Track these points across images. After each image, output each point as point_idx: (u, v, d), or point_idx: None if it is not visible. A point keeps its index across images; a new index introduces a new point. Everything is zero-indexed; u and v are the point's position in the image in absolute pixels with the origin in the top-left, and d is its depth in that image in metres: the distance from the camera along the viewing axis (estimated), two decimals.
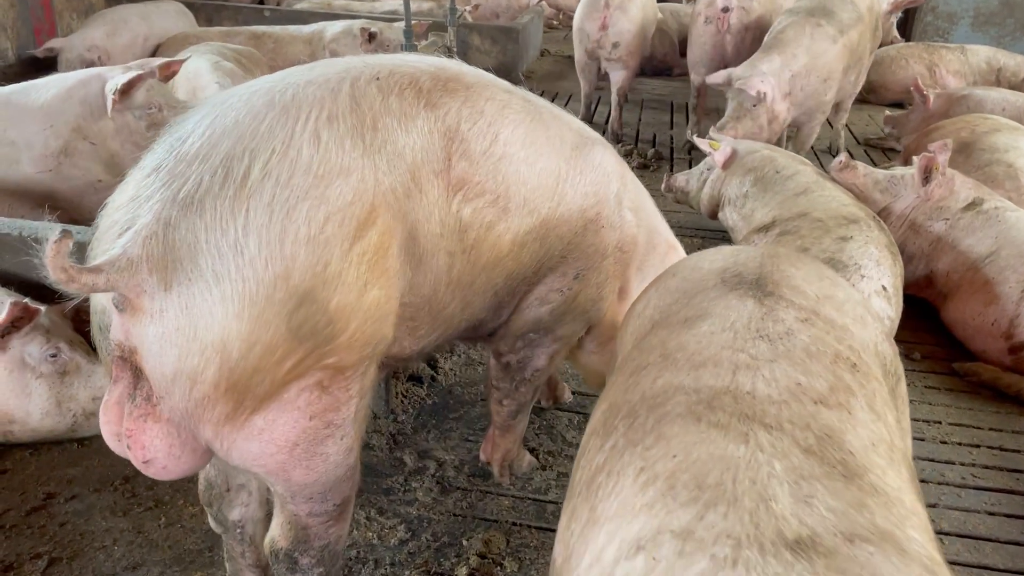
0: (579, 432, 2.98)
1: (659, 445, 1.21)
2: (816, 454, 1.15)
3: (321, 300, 1.54)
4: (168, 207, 1.47)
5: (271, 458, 1.65)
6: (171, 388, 1.50)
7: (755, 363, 1.34)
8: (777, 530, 1.01)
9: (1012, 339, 3.38)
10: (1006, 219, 3.61)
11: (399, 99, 1.76)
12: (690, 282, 1.73)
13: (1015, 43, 8.33)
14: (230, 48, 5.70)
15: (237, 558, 2.15)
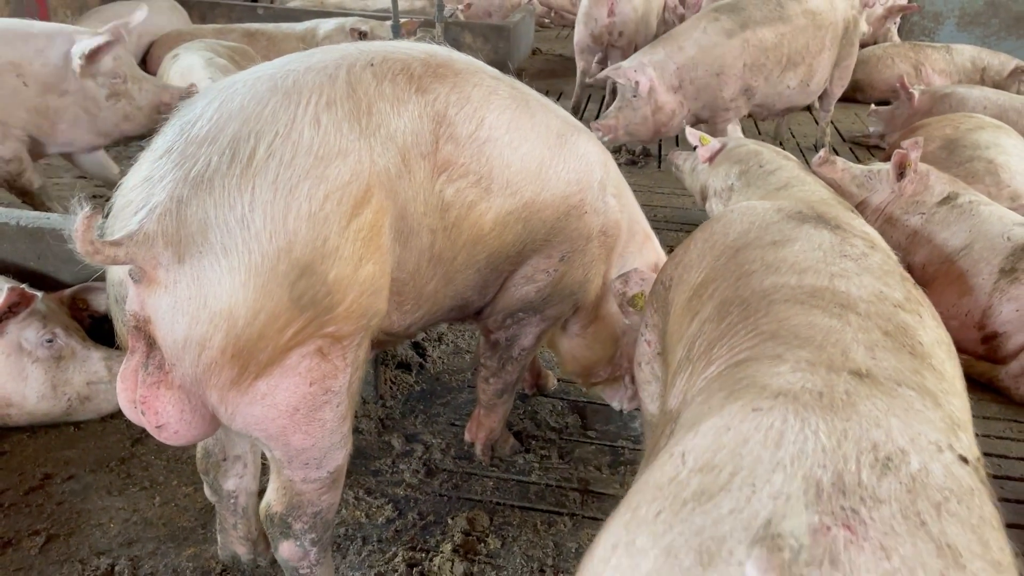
0: (562, 418, 3.07)
1: (769, 317, 1.52)
2: (893, 336, 1.44)
3: (320, 272, 1.64)
4: (180, 186, 1.57)
5: (272, 422, 1.74)
6: (181, 354, 1.60)
7: (846, 273, 1.63)
8: (844, 364, 1.31)
9: (985, 329, 3.48)
10: (980, 213, 3.71)
11: (392, 84, 1.86)
12: (756, 218, 1.97)
13: (1000, 43, 8.45)
14: (224, 45, 5.76)
15: (229, 530, 2.24)
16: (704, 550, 1.00)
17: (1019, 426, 3.19)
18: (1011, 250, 3.51)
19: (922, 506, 1.03)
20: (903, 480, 1.05)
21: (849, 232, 1.84)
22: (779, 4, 5.22)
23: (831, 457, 1.07)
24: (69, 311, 2.95)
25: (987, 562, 1.00)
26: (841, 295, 1.55)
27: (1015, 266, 3.46)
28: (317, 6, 8.15)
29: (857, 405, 1.18)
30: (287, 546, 1.97)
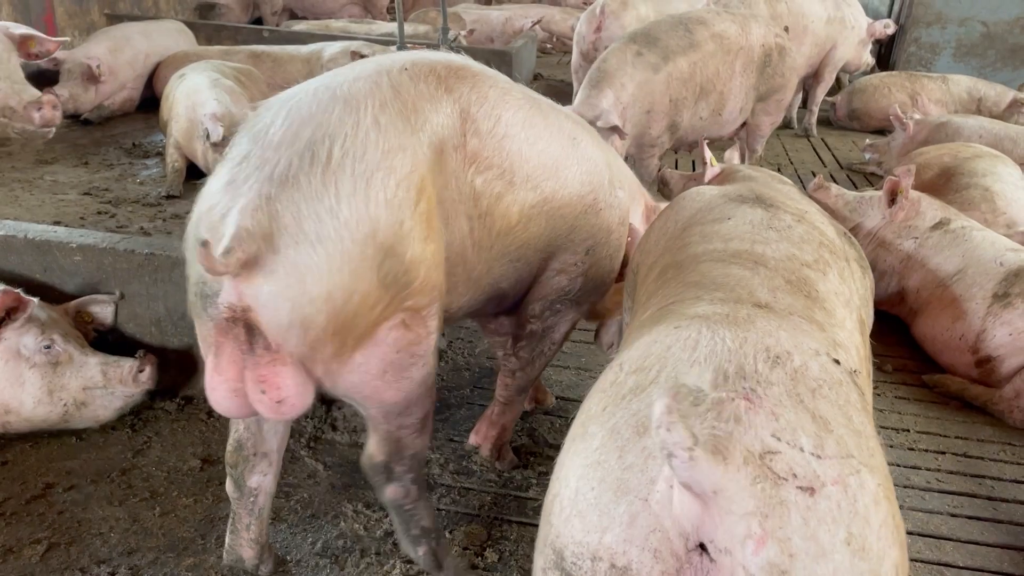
0: (560, 435, 3.09)
1: (695, 272, 1.85)
2: (794, 284, 1.77)
3: (399, 253, 1.84)
4: (266, 185, 1.73)
5: (367, 385, 1.96)
6: (287, 335, 1.74)
7: (766, 240, 1.95)
8: (748, 299, 1.65)
9: (978, 353, 3.52)
10: (972, 238, 3.76)
11: (426, 84, 2.08)
12: (703, 202, 2.27)
13: (995, 74, 8.56)
14: (229, 66, 5.85)
15: (241, 531, 2.31)
16: (638, 425, 1.31)
17: (1013, 449, 3.21)
18: (1004, 275, 3.56)
19: (801, 389, 1.33)
20: (788, 372, 1.36)
21: (781, 210, 2.12)
22: (687, 30, 5.00)
23: (735, 355, 1.37)
24: (73, 323, 2.99)
25: (849, 430, 1.30)
26: (757, 255, 1.87)
27: (1008, 291, 3.51)
28: (322, 29, 8.26)
29: (755, 322, 1.49)
30: (391, 488, 2.19)
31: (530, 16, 10.11)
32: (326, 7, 9.96)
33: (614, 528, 1.24)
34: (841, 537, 1.17)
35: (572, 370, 3.58)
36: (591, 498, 1.28)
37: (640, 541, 1.22)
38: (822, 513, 1.17)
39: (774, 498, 1.16)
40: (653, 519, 1.21)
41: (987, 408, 3.43)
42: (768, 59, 5.23)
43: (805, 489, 1.18)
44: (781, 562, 1.14)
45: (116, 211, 4.63)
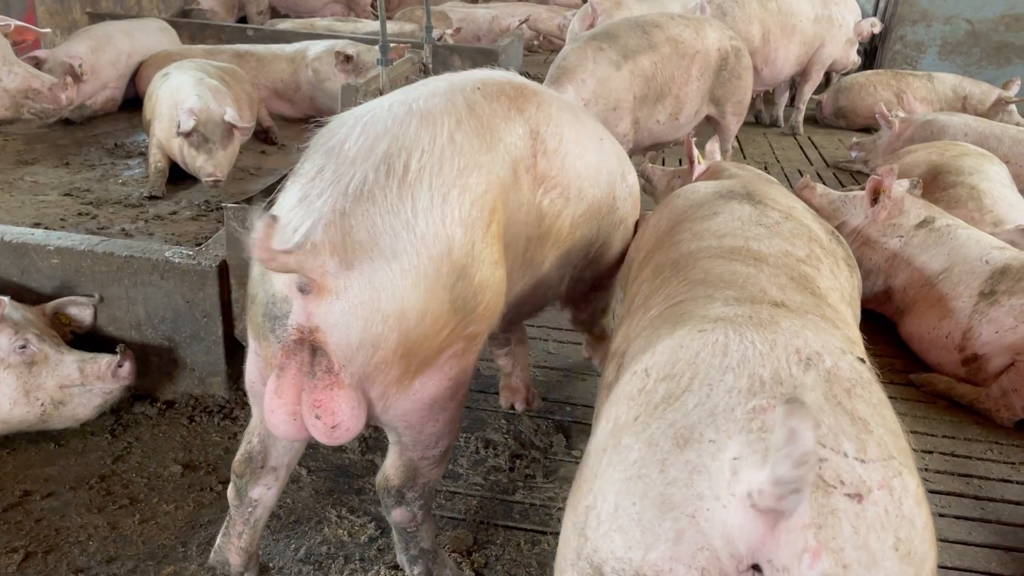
0: (547, 437, 3.06)
1: (697, 269, 1.86)
2: (797, 281, 1.79)
3: (470, 275, 1.81)
4: (340, 200, 1.70)
5: (416, 414, 1.93)
6: (354, 356, 1.71)
7: (758, 237, 1.98)
8: (763, 298, 1.66)
9: (965, 351, 3.51)
10: (958, 236, 3.75)
11: (498, 103, 2.07)
12: (695, 198, 2.32)
13: (980, 72, 8.58)
14: (213, 65, 5.78)
15: (233, 536, 2.27)
16: (679, 436, 1.27)
17: (1000, 447, 3.21)
18: (990, 273, 3.55)
19: (837, 391, 1.33)
20: (821, 373, 1.36)
21: (768, 206, 2.17)
22: (644, 32, 4.92)
23: (767, 359, 1.37)
24: (50, 325, 2.94)
25: (886, 429, 1.31)
26: (754, 252, 1.90)
27: (994, 288, 3.50)
28: (307, 28, 8.19)
29: (780, 323, 1.49)
30: (400, 512, 2.17)
31: (517, 15, 10.07)
32: (309, 5, 9.90)
33: (659, 545, 1.20)
34: (890, 543, 1.17)
35: (559, 371, 3.55)
36: (633, 513, 1.25)
37: (687, 559, 1.18)
38: (871, 520, 1.17)
39: (826, 507, 1.15)
40: (701, 537, 1.18)
41: (974, 407, 3.42)
42: (724, 63, 5.23)
43: (853, 496, 1.17)
44: (834, 573, 1.13)
45: (97, 212, 4.57)
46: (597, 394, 2.01)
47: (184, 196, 4.97)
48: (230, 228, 2.90)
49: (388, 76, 2.83)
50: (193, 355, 3.07)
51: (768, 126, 7.92)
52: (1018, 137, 5.84)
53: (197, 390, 3.12)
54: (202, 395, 3.12)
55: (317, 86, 6.61)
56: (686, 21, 5.19)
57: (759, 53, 6.78)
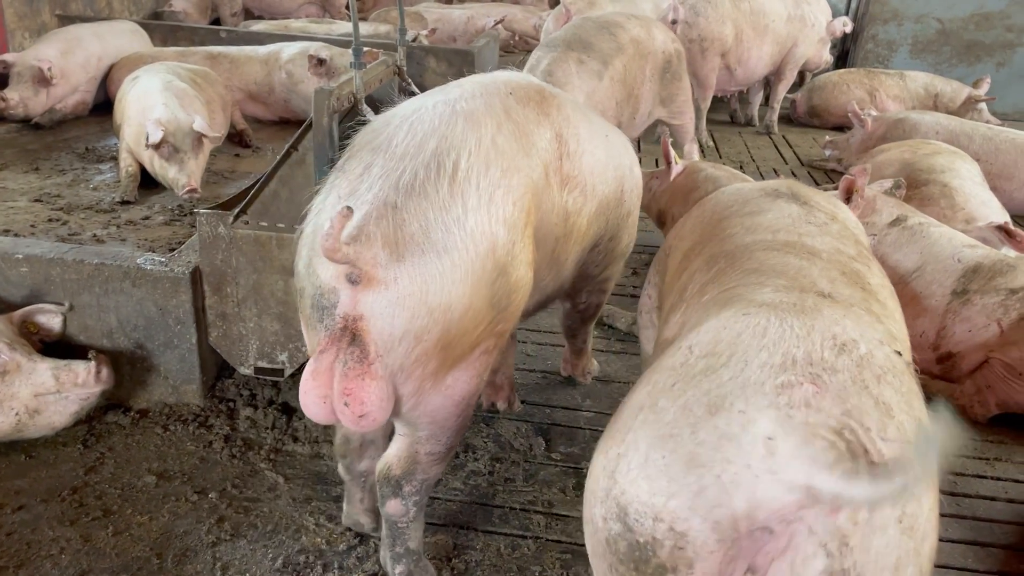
0: (526, 440, 3.05)
1: (751, 261, 1.92)
2: (848, 276, 1.86)
3: (509, 274, 1.87)
4: (392, 193, 1.76)
5: (444, 410, 1.97)
6: (395, 346, 1.75)
7: (810, 233, 2.06)
8: (812, 288, 1.73)
9: (940, 350, 3.54)
10: (930, 235, 3.77)
11: (529, 109, 2.13)
12: (738, 197, 2.39)
13: (951, 70, 8.68)
14: (185, 68, 5.71)
15: (356, 503, 2.47)
16: (711, 404, 1.39)
17: (976, 443, 3.24)
18: (962, 271, 3.58)
19: (867, 376, 1.41)
20: (854, 359, 1.44)
21: (815, 207, 2.26)
22: (611, 34, 4.93)
23: (803, 342, 1.46)
24: (18, 333, 2.88)
25: (910, 416, 1.39)
26: (808, 247, 1.98)
27: (967, 287, 3.53)
28: (281, 30, 8.12)
29: (822, 311, 1.58)
30: (394, 503, 2.17)
31: (492, 15, 10.05)
32: (283, 7, 9.82)
33: (681, 495, 1.33)
34: (895, 515, 1.29)
35: (538, 373, 3.54)
36: (661, 465, 1.38)
37: (704, 512, 1.31)
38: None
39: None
40: (723, 495, 1.30)
41: (949, 403, 3.46)
42: (669, 64, 5.27)
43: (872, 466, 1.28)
44: (846, 528, 1.27)
45: (68, 218, 4.50)
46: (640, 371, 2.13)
47: (157, 201, 4.90)
48: (203, 233, 2.86)
49: (362, 80, 2.80)
50: (166, 363, 3.03)
51: (743, 125, 7.96)
52: (988, 135, 5.91)
53: (171, 399, 3.08)
54: (176, 404, 3.08)
55: (291, 88, 6.55)
56: (638, 21, 5.23)
57: (732, 53, 6.82)
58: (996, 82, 8.04)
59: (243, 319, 2.96)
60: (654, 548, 1.36)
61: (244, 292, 2.91)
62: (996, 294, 3.43)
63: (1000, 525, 2.78)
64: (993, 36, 8.73)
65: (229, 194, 5.24)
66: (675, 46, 5.37)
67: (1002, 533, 2.74)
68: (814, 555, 1.28)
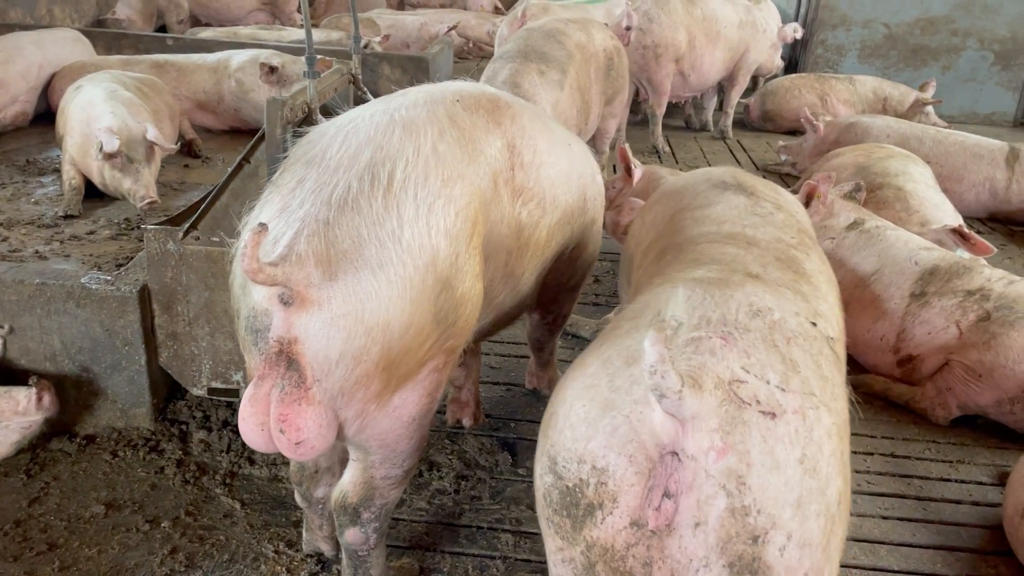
0: (491, 456, 2.99)
1: (696, 252, 2.01)
2: (783, 262, 1.96)
3: (454, 287, 1.79)
4: (324, 209, 1.68)
5: (394, 432, 1.89)
6: (333, 369, 1.68)
7: (754, 224, 2.16)
8: (742, 270, 1.84)
9: (900, 353, 3.56)
10: (887, 238, 3.79)
11: (477, 116, 2.07)
12: (689, 189, 2.46)
13: (898, 74, 8.85)
14: (131, 77, 5.55)
15: (315, 530, 2.38)
16: (629, 356, 1.52)
17: (938, 447, 3.26)
18: (919, 274, 3.60)
19: (777, 337, 1.52)
20: (766, 323, 1.56)
21: (761, 197, 2.34)
22: (559, 42, 4.86)
23: (720, 306, 1.58)
24: None
25: (816, 375, 1.49)
26: (749, 237, 2.07)
27: (924, 290, 3.55)
28: (230, 37, 7.94)
29: (745, 286, 1.69)
30: (353, 532, 2.10)
31: (446, 21, 9.98)
32: (232, 14, 9.63)
33: (598, 437, 1.45)
34: (796, 456, 1.38)
35: (502, 386, 3.48)
36: (582, 413, 1.50)
37: (618, 448, 1.42)
38: (780, 434, 1.39)
39: (737, 418, 1.38)
40: (631, 431, 1.42)
41: (910, 406, 3.48)
42: (610, 63, 5.26)
43: (767, 414, 1.40)
44: (739, 469, 1.36)
45: (8, 234, 4.31)
46: None
47: (102, 214, 4.73)
48: (151, 250, 2.74)
49: (316, 89, 2.71)
50: (114, 386, 2.89)
51: (698, 131, 8.01)
52: (937, 138, 6.02)
53: (120, 423, 2.95)
54: (125, 428, 2.95)
55: (241, 97, 6.41)
56: (577, 25, 5.21)
57: (686, 59, 6.84)
58: (941, 85, 8.22)
59: (195, 338, 2.84)
60: (581, 489, 1.45)
61: (196, 310, 2.80)
62: (954, 296, 3.45)
63: (967, 529, 2.79)
64: (938, 40, 8.92)
65: (178, 206, 5.10)
66: (613, 43, 5.38)
67: (969, 537, 2.75)
68: (715, 495, 1.37)
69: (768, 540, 1.36)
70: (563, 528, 1.50)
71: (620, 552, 1.43)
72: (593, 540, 1.45)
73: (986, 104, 9.07)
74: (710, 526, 1.37)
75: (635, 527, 1.41)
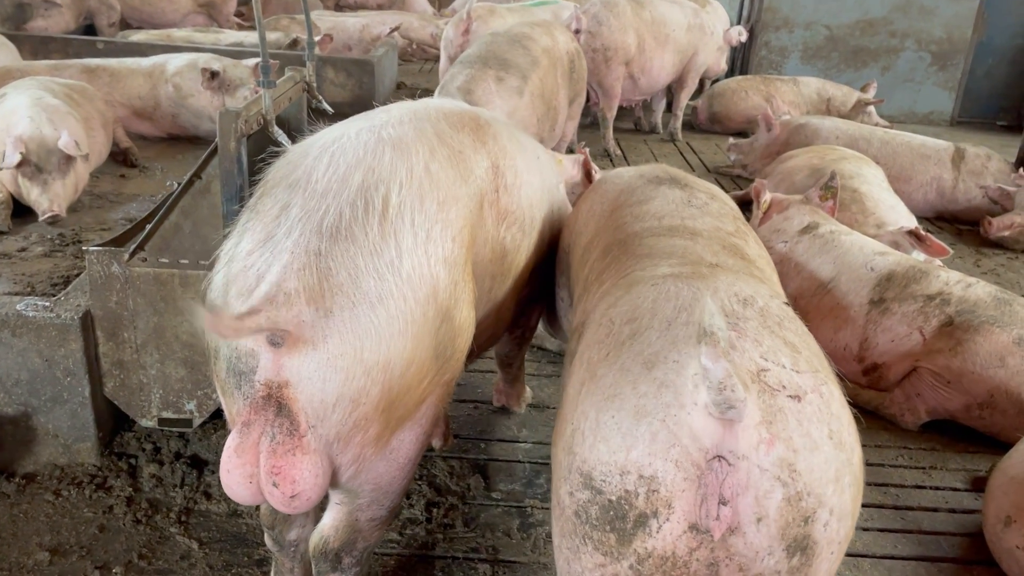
0: (463, 480, 2.86)
1: (642, 248, 2.05)
2: (728, 249, 2.05)
3: (453, 318, 1.69)
4: (315, 239, 1.54)
5: (389, 474, 1.77)
6: (329, 414, 1.54)
7: (692, 216, 2.22)
8: (701, 261, 1.92)
9: (865, 361, 3.52)
10: (841, 243, 3.73)
11: (464, 134, 1.96)
12: (623, 184, 2.50)
13: (839, 75, 8.99)
14: (59, 83, 5.30)
15: (285, 573, 2.21)
16: (646, 361, 1.51)
17: (911, 453, 3.25)
18: (876, 280, 3.56)
19: (770, 323, 1.58)
20: (756, 310, 1.62)
21: (695, 188, 2.42)
22: (524, 47, 4.79)
23: (713, 299, 1.57)
24: None
25: (811, 352, 1.57)
26: (690, 228, 2.14)
27: (883, 296, 3.52)
28: (164, 40, 7.65)
29: (718, 276, 1.76)
30: None
31: (388, 23, 9.80)
32: (167, 17, 9.28)
33: (638, 445, 1.42)
34: (825, 433, 1.44)
35: (469, 404, 3.35)
36: (612, 425, 1.46)
37: (662, 454, 1.40)
38: (809, 415, 1.43)
39: (773, 407, 1.41)
40: (671, 436, 1.40)
41: (879, 412, 3.46)
42: (573, 64, 5.22)
43: (793, 397, 1.43)
44: (788, 457, 1.39)
45: None
46: (563, 368, 2.07)
47: (34, 229, 4.47)
48: (94, 273, 2.55)
49: (271, 99, 2.55)
50: (56, 420, 2.68)
51: (647, 133, 8.00)
52: (885, 139, 6.10)
53: (63, 459, 2.73)
54: (69, 464, 2.73)
55: (179, 103, 6.16)
56: (541, 29, 5.16)
57: (635, 62, 6.82)
58: (881, 86, 8.39)
59: (143, 366, 2.66)
60: (629, 501, 1.42)
61: (144, 337, 2.61)
62: (914, 301, 3.44)
63: (946, 537, 2.77)
64: (877, 42, 9.09)
65: (115, 219, 4.86)
66: (574, 45, 5.36)
67: (949, 546, 2.73)
68: (772, 488, 1.38)
69: (816, 518, 1.42)
70: (605, 544, 1.46)
71: (683, 558, 1.42)
72: (648, 551, 1.42)
73: (924, 104, 9.29)
74: (771, 518, 1.39)
75: (694, 531, 1.40)
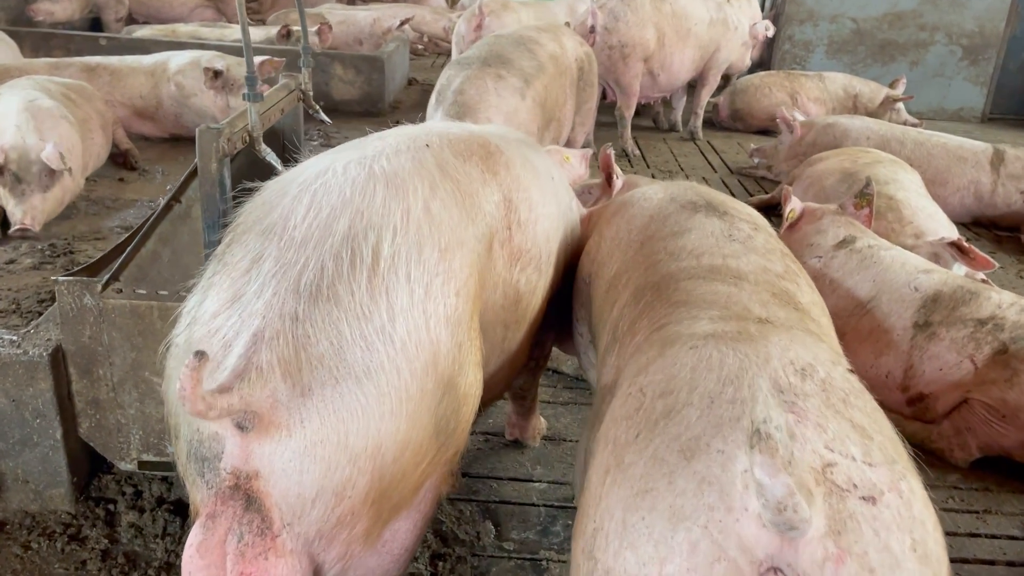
0: (472, 527, 2.61)
1: (679, 291, 1.80)
2: (779, 297, 1.80)
3: (456, 387, 1.46)
4: (291, 300, 1.32)
5: (381, 568, 1.53)
6: (309, 510, 1.32)
7: (735, 254, 1.96)
8: (747, 315, 1.64)
9: (910, 391, 3.24)
10: (881, 260, 3.44)
11: (471, 165, 1.72)
12: (653, 210, 2.23)
13: (866, 69, 8.66)
14: (57, 83, 5.11)
15: None
16: (684, 449, 1.26)
17: (962, 494, 2.97)
18: (921, 302, 3.28)
19: (834, 399, 1.32)
20: (817, 383, 1.36)
21: (735, 217, 2.15)
22: (529, 51, 4.58)
23: (764, 369, 1.35)
24: None
25: (884, 436, 1.31)
26: (733, 270, 1.88)
27: (929, 319, 3.23)
28: (168, 36, 7.43)
29: (768, 337, 1.48)
30: None
31: (399, 16, 9.54)
32: (174, 11, 9.07)
33: (674, 559, 1.18)
34: (908, 544, 1.18)
35: (479, 436, 3.10)
36: (643, 528, 1.23)
37: (705, 570, 1.17)
38: (887, 521, 1.18)
39: (843, 512, 1.16)
40: (715, 547, 1.17)
41: (925, 446, 3.18)
42: (582, 72, 5.01)
43: (867, 499, 1.19)
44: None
45: None
46: (586, 429, 1.84)
47: (24, 239, 4.25)
48: (64, 305, 2.31)
49: (258, 113, 2.30)
50: (25, 465, 2.45)
51: (667, 131, 7.71)
52: (919, 140, 5.77)
53: (33, 506, 2.50)
54: (40, 512, 2.50)
55: (182, 102, 5.94)
56: (549, 34, 4.92)
57: (655, 58, 6.54)
58: (910, 81, 8.04)
59: (121, 405, 2.43)
60: None
61: (121, 374, 2.38)
62: (964, 326, 3.15)
63: None
64: (906, 35, 8.75)
65: (110, 227, 4.63)
66: (584, 50, 5.14)
67: None
68: None
69: None
70: None
71: None
72: None
73: (954, 100, 8.94)
74: None
75: None
